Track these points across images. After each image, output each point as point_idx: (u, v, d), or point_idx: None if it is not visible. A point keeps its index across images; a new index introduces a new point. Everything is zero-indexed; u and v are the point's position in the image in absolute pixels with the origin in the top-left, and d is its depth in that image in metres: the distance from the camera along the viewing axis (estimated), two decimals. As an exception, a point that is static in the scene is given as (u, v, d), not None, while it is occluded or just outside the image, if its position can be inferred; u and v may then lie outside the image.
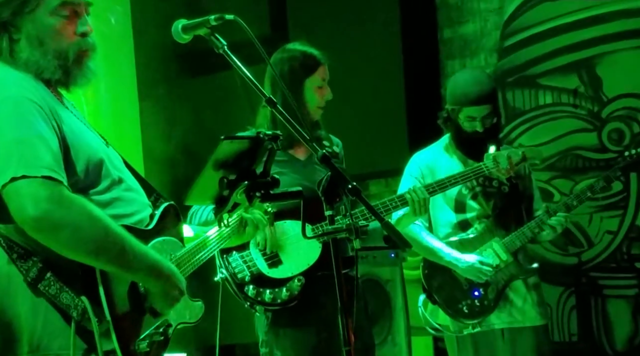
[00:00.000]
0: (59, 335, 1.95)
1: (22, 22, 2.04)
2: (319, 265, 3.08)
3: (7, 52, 2.06)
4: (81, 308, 1.93)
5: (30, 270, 1.93)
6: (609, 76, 4.53)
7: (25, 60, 2.05)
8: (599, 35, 4.55)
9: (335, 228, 2.24)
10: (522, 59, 4.83)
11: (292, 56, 3.24)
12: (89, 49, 2.11)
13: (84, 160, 2.02)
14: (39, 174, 1.87)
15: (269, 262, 3.10)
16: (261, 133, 2.21)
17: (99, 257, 1.93)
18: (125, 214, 2.08)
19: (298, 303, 3.08)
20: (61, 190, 1.89)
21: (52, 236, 1.89)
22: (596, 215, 4.55)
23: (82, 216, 1.90)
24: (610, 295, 4.56)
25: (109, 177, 2.08)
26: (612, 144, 4.54)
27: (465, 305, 3.52)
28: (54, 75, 2.06)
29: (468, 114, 3.53)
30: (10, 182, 1.86)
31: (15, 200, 1.87)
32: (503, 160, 3.38)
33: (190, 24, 2.31)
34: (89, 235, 1.90)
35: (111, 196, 2.07)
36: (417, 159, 3.68)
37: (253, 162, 2.22)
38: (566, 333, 4.67)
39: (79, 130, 2.06)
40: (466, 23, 5.08)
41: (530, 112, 4.82)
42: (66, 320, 1.95)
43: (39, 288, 1.93)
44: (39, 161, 1.88)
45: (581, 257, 4.64)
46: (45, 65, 2.05)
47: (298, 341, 3.10)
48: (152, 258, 2.03)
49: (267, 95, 2.25)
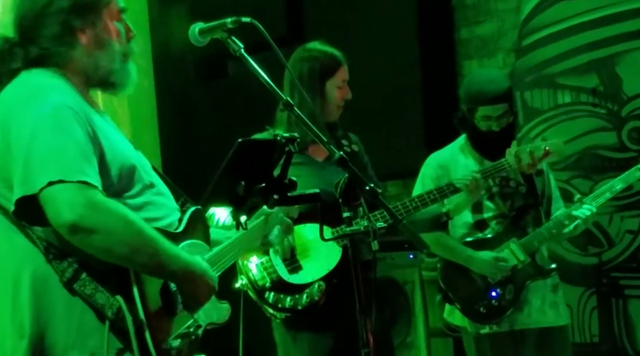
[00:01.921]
0: (93, 334, 2.01)
1: (94, 27, 2.15)
2: (339, 270, 3.07)
3: (62, 58, 2.14)
4: (116, 307, 1.98)
5: (66, 270, 2.00)
6: (629, 75, 4.49)
7: (94, 65, 2.16)
8: (618, 33, 4.51)
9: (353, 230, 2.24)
10: (540, 58, 4.80)
11: (313, 56, 3.23)
12: (131, 52, 2.25)
13: (118, 165, 2.08)
14: (75, 179, 1.92)
15: (290, 268, 3.09)
16: (278, 136, 2.21)
17: (133, 259, 1.99)
18: (156, 218, 2.14)
19: (312, 311, 3.07)
20: (96, 194, 1.95)
21: (87, 239, 1.94)
22: (616, 214, 4.51)
23: (116, 220, 1.96)
24: (631, 296, 4.52)
25: (141, 181, 2.15)
26: (632, 143, 4.51)
27: (482, 306, 3.51)
28: (112, 76, 2.19)
29: (484, 114, 3.52)
30: (48, 186, 1.92)
31: (51, 205, 1.92)
32: (525, 156, 3.35)
33: (207, 27, 2.32)
34: (123, 238, 1.96)
35: (143, 200, 2.14)
36: (432, 160, 3.68)
37: (270, 164, 2.23)
38: (587, 334, 4.63)
39: (112, 136, 2.12)
40: (483, 23, 5.06)
41: (548, 112, 4.79)
42: (100, 320, 2.00)
43: (75, 289, 1.99)
44: (75, 166, 1.94)
45: (602, 257, 4.61)
46: (110, 67, 2.18)
47: (315, 345, 3.09)
48: (184, 259, 2.08)
49: (284, 98, 2.25)
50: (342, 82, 3.23)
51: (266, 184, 2.19)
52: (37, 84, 2.08)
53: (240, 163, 2.17)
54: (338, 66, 3.23)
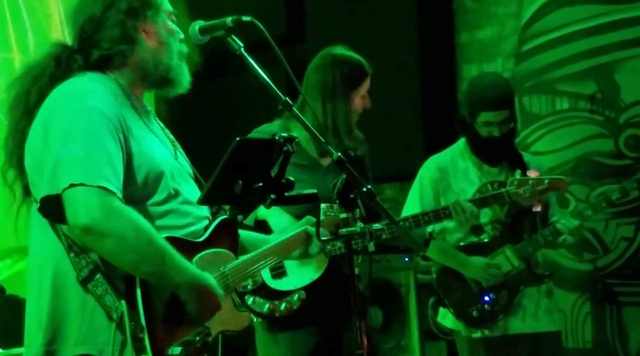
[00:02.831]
0: (103, 332, 2.09)
1: (155, 27, 2.25)
2: (322, 281, 3.06)
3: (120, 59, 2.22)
4: (120, 311, 2.07)
5: (82, 269, 2.09)
6: (627, 82, 4.50)
7: (155, 64, 2.24)
8: (617, 41, 4.52)
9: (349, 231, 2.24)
10: (540, 64, 4.80)
11: (339, 64, 3.21)
12: (184, 53, 2.33)
13: (144, 171, 2.15)
14: (95, 184, 2.01)
15: (274, 273, 3.07)
16: (276, 136, 2.21)
17: (139, 266, 2.06)
18: (178, 226, 2.20)
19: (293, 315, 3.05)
20: (113, 200, 2.03)
21: (98, 243, 2.03)
22: (612, 221, 4.52)
23: (128, 227, 2.03)
24: (625, 302, 4.53)
25: (167, 189, 2.20)
26: (629, 150, 4.51)
27: (476, 310, 3.51)
28: (171, 74, 2.27)
29: (485, 119, 3.52)
30: (69, 188, 2.01)
31: (70, 205, 2.02)
32: (527, 188, 3.32)
33: (207, 26, 2.32)
34: (131, 245, 2.03)
35: (166, 208, 2.19)
36: (431, 163, 3.67)
37: (268, 164, 2.23)
38: (580, 339, 4.64)
39: (145, 142, 2.19)
40: (484, 27, 5.06)
41: (547, 117, 4.79)
42: (110, 319, 2.09)
43: (88, 288, 2.09)
44: (97, 171, 2.03)
45: (596, 263, 4.61)
46: (169, 65, 2.26)
47: (295, 345, 3.07)
48: (190, 273, 2.12)
49: (283, 98, 2.25)
50: (365, 91, 3.24)
51: (264, 183, 2.19)
52: (78, 87, 2.16)
53: (238, 162, 2.17)
54: (365, 76, 3.24)
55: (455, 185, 3.60)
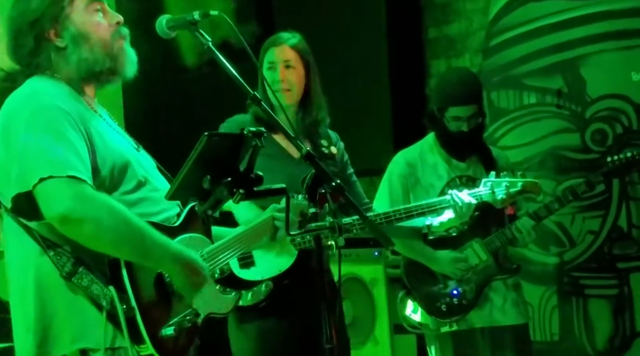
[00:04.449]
0: (95, 324, 2.11)
1: (64, 27, 2.23)
2: (290, 273, 3.05)
3: (48, 64, 2.23)
4: (109, 297, 2.08)
5: (65, 265, 2.10)
6: (593, 77, 4.54)
7: (78, 61, 2.23)
8: (583, 36, 4.56)
9: (318, 226, 2.24)
10: (507, 59, 4.84)
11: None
12: (125, 36, 2.30)
13: (110, 162, 2.17)
14: (64, 174, 2.03)
15: (242, 263, 3.04)
16: (245, 130, 2.21)
17: (121, 246, 2.08)
18: (151, 213, 2.21)
19: (263, 309, 3.04)
20: (84, 187, 2.06)
21: (77, 230, 2.05)
22: (578, 215, 4.57)
23: (102, 210, 2.05)
24: (591, 295, 4.58)
25: (135, 178, 2.22)
26: (595, 145, 4.56)
27: (444, 304, 3.53)
28: (104, 64, 2.24)
29: (454, 114, 3.54)
30: (39, 183, 2.04)
31: (43, 199, 2.04)
32: (500, 190, 3.32)
33: (174, 20, 2.31)
34: (109, 226, 2.05)
35: (138, 196, 2.21)
36: (400, 158, 3.69)
37: (237, 158, 2.23)
38: (547, 332, 4.69)
39: (107, 134, 2.21)
40: (452, 23, 5.09)
41: (514, 112, 4.83)
42: (100, 310, 2.11)
43: (74, 282, 2.10)
44: (64, 163, 2.05)
45: (563, 256, 4.66)
46: (94, 58, 2.23)
47: (264, 336, 3.07)
48: (173, 247, 2.16)
49: (252, 92, 2.25)
50: (269, 63, 3.16)
51: (232, 178, 2.19)
52: (31, 89, 2.19)
53: (206, 157, 2.17)
54: (267, 48, 3.18)
55: (424, 179, 3.61)
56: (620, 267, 4.49)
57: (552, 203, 3.56)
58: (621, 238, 4.49)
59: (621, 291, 4.49)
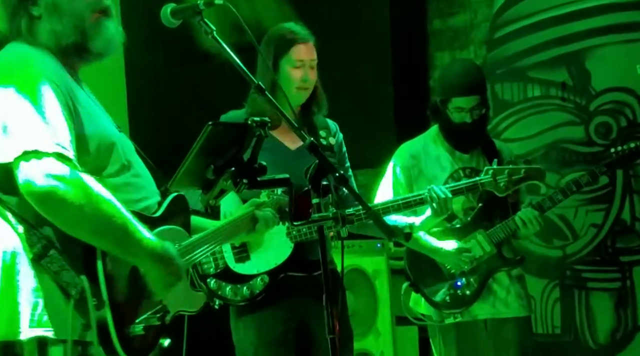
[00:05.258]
0: (60, 311, 1.99)
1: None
2: (286, 266, 3.04)
3: (27, 32, 2.11)
4: (80, 287, 1.97)
5: (34, 246, 1.98)
6: (598, 70, 4.53)
7: (49, 31, 2.09)
8: (588, 28, 4.55)
9: (321, 216, 2.24)
10: (512, 51, 4.82)
11: (271, 36, 3.13)
12: (105, 9, 2.15)
13: (96, 141, 2.06)
14: (51, 150, 1.91)
15: (237, 257, 3.04)
16: (249, 120, 2.20)
17: (101, 236, 1.97)
18: (133, 200, 2.13)
19: (261, 300, 3.04)
20: (71, 168, 1.93)
21: (57, 211, 1.93)
22: (582, 208, 4.56)
23: (88, 195, 1.93)
24: (593, 288, 4.58)
25: (119, 161, 2.13)
26: (599, 138, 4.55)
27: (448, 295, 3.53)
28: (70, 38, 2.10)
29: (457, 105, 3.53)
30: (22, 155, 1.91)
31: (24, 173, 1.91)
32: (502, 178, 3.32)
33: (179, 8, 2.30)
34: (93, 213, 1.93)
35: (121, 181, 2.12)
36: (403, 150, 3.68)
37: (240, 148, 2.22)
38: (549, 325, 4.69)
39: (94, 112, 2.11)
40: (456, 14, 5.08)
41: (518, 105, 4.82)
42: (67, 298, 1.99)
43: (42, 264, 1.98)
44: (51, 138, 1.92)
45: (566, 249, 4.66)
46: (62, 30, 2.10)
47: (262, 329, 3.06)
48: (153, 242, 2.05)
49: (255, 81, 2.24)
50: (296, 61, 3.08)
51: (236, 168, 2.18)
52: (19, 55, 2.07)
53: (210, 146, 2.16)
54: (291, 44, 3.08)
55: (427, 171, 3.61)
56: (622, 261, 4.49)
57: (555, 195, 3.55)
58: (624, 232, 4.49)
59: (623, 285, 4.49)
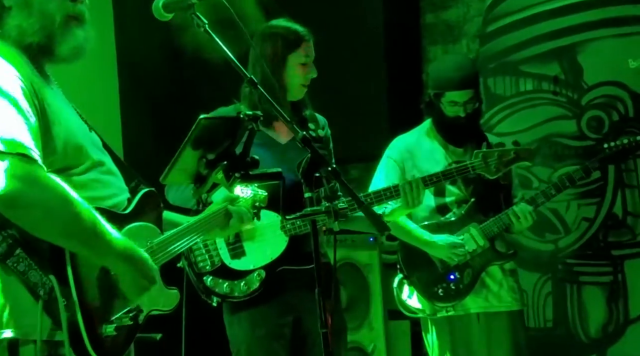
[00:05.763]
0: (28, 312, 1.93)
1: None
2: (282, 260, 3.05)
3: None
4: (48, 287, 1.91)
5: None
6: (590, 64, 4.54)
7: (15, 26, 2.01)
8: (580, 22, 4.56)
9: (314, 210, 2.24)
10: (504, 45, 4.83)
11: (275, 32, 3.16)
12: (78, 15, 2.07)
13: (63, 140, 1.99)
14: (15, 151, 1.84)
15: (232, 253, 3.04)
16: (241, 114, 2.20)
17: (69, 239, 1.91)
18: (101, 197, 2.06)
19: (256, 295, 3.04)
20: (36, 169, 1.86)
21: (23, 215, 1.86)
22: (574, 202, 4.58)
23: (55, 197, 1.87)
24: (585, 282, 4.60)
25: (89, 159, 2.06)
26: (591, 132, 4.56)
27: (441, 288, 3.54)
28: (35, 37, 2.02)
29: (451, 99, 3.54)
30: None
31: None
32: (493, 160, 3.34)
33: (171, 1, 2.29)
34: (60, 216, 1.88)
35: (89, 178, 2.05)
36: (397, 143, 3.69)
37: (232, 142, 2.22)
38: (541, 319, 4.70)
39: (61, 111, 2.03)
40: (449, 8, 5.07)
41: (510, 99, 4.83)
42: (35, 298, 1.92)
43: (8, 264, 1.91)
44: (16, 138, 1.85)
45: (558, 243, 4.67)
46: (28, 27, 2.01)
47: (257, 323, 3.06)
48: (123, 245, 1.99)
49: (248, 75, 2.24)
50: (305, 57, 3.15)
51: (228, 162, 2.18)
52: None
53: (202, 140, 2.16)
54: (300, 41, 3.15)
55: (421, 165, 3.61)
56: (614, 254, 4.51)
57: (549, 189, 3.56)
58: (616, 226, 4.51)
59: (615, 279, 4.50)
